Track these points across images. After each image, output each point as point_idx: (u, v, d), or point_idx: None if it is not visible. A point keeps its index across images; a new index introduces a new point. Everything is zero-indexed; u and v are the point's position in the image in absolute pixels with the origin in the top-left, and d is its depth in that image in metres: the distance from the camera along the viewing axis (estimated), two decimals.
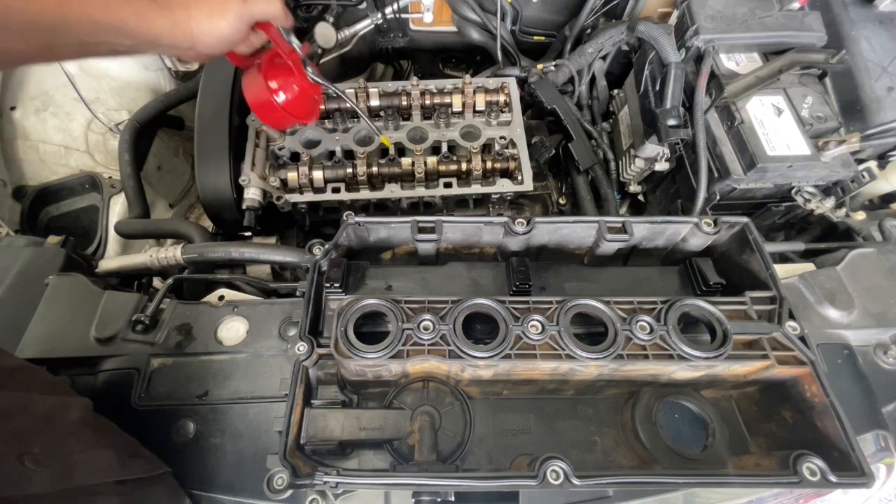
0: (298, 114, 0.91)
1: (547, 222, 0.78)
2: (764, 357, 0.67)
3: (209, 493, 0.74)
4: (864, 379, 0.83)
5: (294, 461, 0.61)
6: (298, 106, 0.90)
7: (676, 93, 1.05)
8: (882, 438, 0.80)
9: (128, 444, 0.68)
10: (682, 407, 0.74)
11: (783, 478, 0.61)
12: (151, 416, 0.79)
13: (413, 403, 0.72)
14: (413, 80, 1.16)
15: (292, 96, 0.88)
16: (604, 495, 0.73)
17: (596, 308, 0.70)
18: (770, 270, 0.74)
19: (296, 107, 0.89)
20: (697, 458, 0.70)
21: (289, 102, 0.88)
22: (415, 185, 1.11)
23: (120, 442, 0.67)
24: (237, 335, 0.86)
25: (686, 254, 0.85)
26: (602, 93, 1.40)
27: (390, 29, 1.50)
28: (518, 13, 1.41)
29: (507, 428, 0.75)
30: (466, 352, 0.65)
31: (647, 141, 1.16)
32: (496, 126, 1.18)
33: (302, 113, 0.92)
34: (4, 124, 1.28)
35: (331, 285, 0.72)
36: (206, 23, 0.67)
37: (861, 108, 1.08)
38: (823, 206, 1.04)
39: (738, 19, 1.11)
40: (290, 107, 0.88)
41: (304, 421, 0.66)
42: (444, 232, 0.78)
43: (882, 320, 0.88)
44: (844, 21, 1.12)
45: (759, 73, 1.08)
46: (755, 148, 1.00)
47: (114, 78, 1.38)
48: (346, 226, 0.76)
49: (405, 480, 0.61)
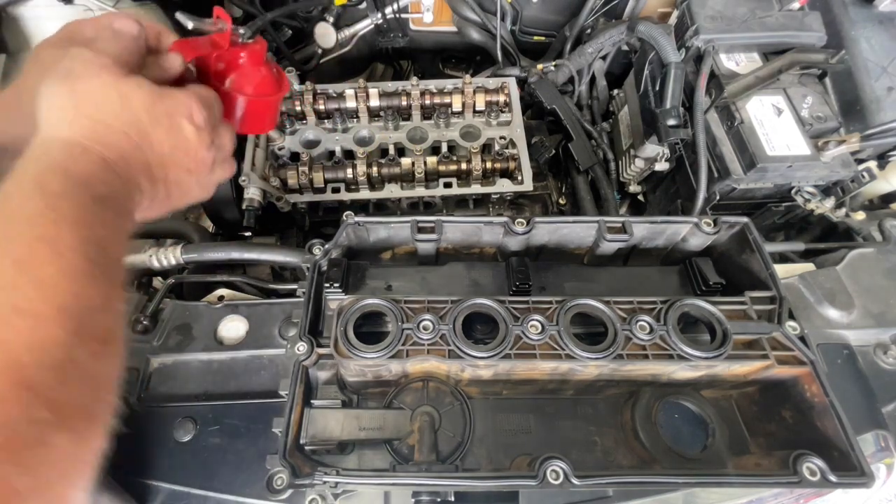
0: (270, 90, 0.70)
1: (547, 222, 0.78)
2: (764, 357, 0.67)
3: (209, 493, 0.74)
4: (864, 379, 0.83)
5: (294, 461, 0.61)
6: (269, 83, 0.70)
7: (676, 93, 1.05)
8: (882, 438, 0.80)
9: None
10: (682, 407, 0.74)
11: (783, 478, 0.61)
12: (151, 416, 0.79)
13: (413, 403, 0.72)
14: (413, 80, 1.16)
15: (261, 80, 0.68)
16: (604, 495, 0.73)
17: (596, 308, 0.70)
18: (770, 270, 0.74)
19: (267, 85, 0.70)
20: (697, 458, 0.70)
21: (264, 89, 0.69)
22: (415, 185, 1.11)
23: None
24: (237, 335, 0.86)
25: (686, 254, 0.85)
26: (602, 93, 1.40)
27: (390, 29, 1.50)
28: (518, 13, 1.41)
29: (507, 428, 0.75)
30: (466, 352, 0.65)
31: (647, 141, 1.16)
32: (496, 126, 1.18)
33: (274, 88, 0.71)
34: None
35: (331, 285, 0.72)
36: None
37: (861, 108, 1.08)
38: (823, 206, 1.04)
39: (738, 19, 1.11)
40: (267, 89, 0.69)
41: (303, 421, 0.66)
42: (444, 232, 0.78)
43: (882, 320, 0.88)
44: (844, 21, 1.12)
45: (758, 73, 1.08)
46: (755, 148, 1.00)
47: None
48: (345, 226, 0.76)
49: (405, 480, 0.61)
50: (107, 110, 0.49)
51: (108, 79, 0.49)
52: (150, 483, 0.75)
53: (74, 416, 0.39)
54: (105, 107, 0.49)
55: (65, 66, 0.49)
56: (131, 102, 0.50)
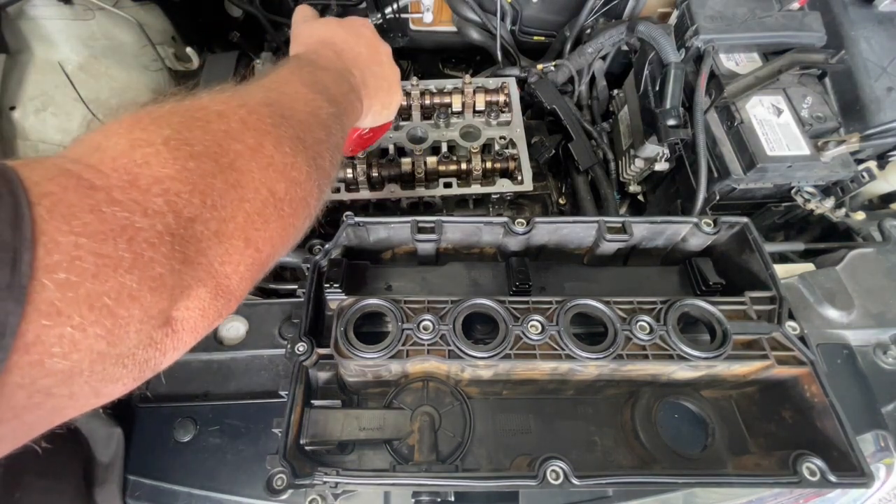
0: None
1: (547, 222, 0.78)
2: (764, 357, 0.67)
3: (209, 493, 0.74)
4: (864, 379, 0.83)
5: (294, 461, 0.61)
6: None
7: (676, 93, 1.05)
8: (882, 438, 0.80)
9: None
10: (682, 407, 0.74)
11: (783, 478, 0.61)
12: (151, 416, 0.79)
13: (413, 403, 0.72)
14: (413, 80, 1.16)
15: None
16: (604, 495, 0.73)
17: (596, 308, 0.70)
18: (770, 270, 0.74)
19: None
20: (697, 458, 0.70)
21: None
22: (415, 185, 1.11)
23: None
24: (237, 335, 0.86)
25: (686, 254, 0.85)
26: (602, 93, 1.40)
27: (390, 29, 1.50)
28: (518, 13, 1.41)
29: (507, 428, 0.75)
30: (466, 352, 0.65)
31: (646, 141, 1.16)
32: (496, 126, 1.18)
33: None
34: (4, 124, 1.27)
35: (331, 285, 0.72)
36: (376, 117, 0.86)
37: (861, 108, 1.08)
38: (823, 206, 1.04)
39: (738, 19, 1.11)
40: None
41: (303, 421, 0.66)
42: (444, 232, 0.78)
43: (882, 320, 0.88)
44: (844, 21, 1.12)
45: (758, 73, 1.08)
46: (755, 148, 1.00)
47: (114, 78, 1.38)
48: (345, 226, 0.76)
49: (405, 480, 0.62)
50: (315, 36, 0.77)
51: (309, 22, 0.82)
52: (149, 483, 0.75)
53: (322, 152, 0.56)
54: (314, 35, 0.78)
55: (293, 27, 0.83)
56: (328, 26, 0.80)
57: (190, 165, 0.39)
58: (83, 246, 0.30)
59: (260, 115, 0.47)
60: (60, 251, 0.29)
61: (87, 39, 1.32)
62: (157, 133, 0.39)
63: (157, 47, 1.44)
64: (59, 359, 0.29)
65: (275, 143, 0.47)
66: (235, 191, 0.42)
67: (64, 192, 0.31)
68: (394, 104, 0.88)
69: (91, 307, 0.30)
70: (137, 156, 0.37)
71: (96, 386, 0.35)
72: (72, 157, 0.36)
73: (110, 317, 0.31)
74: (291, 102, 0.54)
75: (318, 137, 0.54)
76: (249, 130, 0.45)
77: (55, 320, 0.28)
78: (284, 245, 0.50)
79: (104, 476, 0.74)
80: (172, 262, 0.36)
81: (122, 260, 0.32)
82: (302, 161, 0.49)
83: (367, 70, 0.78)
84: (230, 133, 0.44)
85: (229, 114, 0.45)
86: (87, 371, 0.32)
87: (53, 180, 0.31)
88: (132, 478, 0.76)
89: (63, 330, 0.29)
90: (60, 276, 0.29)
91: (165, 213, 0.36)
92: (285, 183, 0.47)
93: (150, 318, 0.36)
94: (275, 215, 0.46)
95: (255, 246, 0.44)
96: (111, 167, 0.35)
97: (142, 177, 0.36)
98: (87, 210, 0.31)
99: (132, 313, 0.33)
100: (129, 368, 0.36)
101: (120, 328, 0.33)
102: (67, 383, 0.31)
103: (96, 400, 0.36)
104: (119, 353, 0.34)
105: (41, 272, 0.28)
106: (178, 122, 0.41)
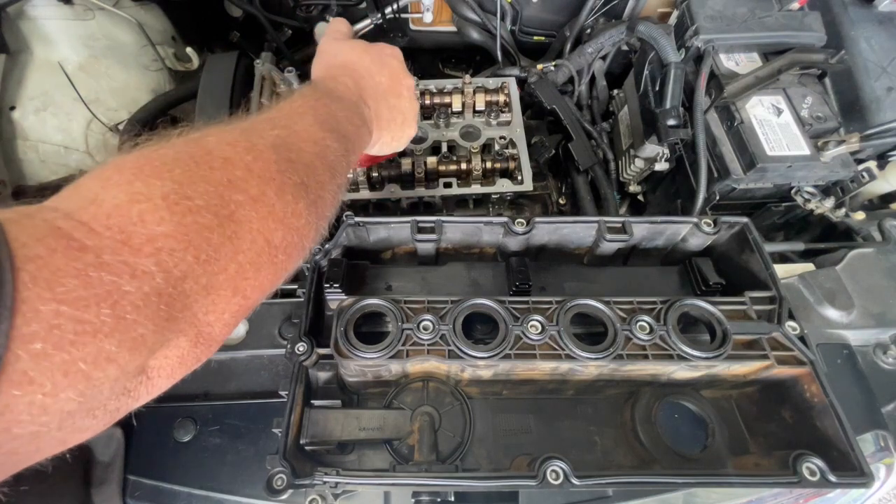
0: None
1: (547, 222, 0.78)
2: (764, 357, 0.67)
3: (209, 493, 0.74)
4: (864, 379, 0.83)
5: (294, 461, 0.61)
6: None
7: (676, 93, 1.05)
8: (882, 438, 0.80)
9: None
10: (682, 407, 0.74)
11: (783, 478, 0.61)
12: (151, 416, 0.79)
13: (413, 403, 0.72)
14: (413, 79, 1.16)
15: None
16: (603, 495, 0.73)
17: (596, 308, 0.70)
18: (770, 270, 0.74)
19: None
20: (697, 458, 0.70)
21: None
22: (415, 185, 1.11)
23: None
24: (237, 335, 0.86)
25: (686, 254, 0.85)
26: (602, 93, 1.40)
27: (390, 29, 1.50)
28: (518, 13, 1.41)
29: (507, 428, 0.75)
30: (466, 352, 0.65)
31: (646, 141, 1.16)
32: (496, 126, 1.18)
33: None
34: (4, 124, 1.27)
35: (330, 285, 0.72)
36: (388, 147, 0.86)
37: (861, 108, 1.08)
38: (823, 206, 1.04)
39: (738, 19, 1.11)
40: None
41: (303, 421, 0.66)
42: (444, 232, 0.78)
43: (882, 320, 0.88)
44: (844, 21, 1.12)
45: (758, 73, 1.08)
46: (755, 148, 1.00)
47: (114, 78, 1.38)
48: (345, 226, 0.76)
49: (405, 480, 0.62)
50: (339, 59, 0.77)
51: (338, 43, 0.80)
52: (149, 483, 0.75)
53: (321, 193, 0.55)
54: (338, 57, 0.78)
55: (321, 42, 0.83)
56: (354, 50, 0.78)
57: (187, 221, 0.38)
58: (64, 314, 0.29)
59: (266, 161, 0.47)
60: (39, 320, 0.28)
61: (87, 39, 1.32)
62: (158, 187, 0.38)
63: (157, 47, 1.44)
64: (28, 424, 0.28)
65: (277, 191, 0.46)
66: (231, 243, 0.41)
67: (51, 256, 0.30)
68: (405, 138, 0.86)
69: (66, 374, 0.29)
70: (134, 212, 0.36)
71: (64, 438, 0.34)
72: (65, 209, 0.35)
73: (84, 380, 0.30)
74: (300, 143, 0.53)
75: (321, 181, 0.54)
76: (254, 178, 0.44)
77: (26, 389, 0.28)
78: (274, 288, 0.49)
79: (104, 476, 0.74)
80: (156, 321, 0.35)
81: (103, 325, 0.31)
82: (303, 206, 0.49)
83: (384, 101, 0.76)
84: (233, 182, 0.43)
85: (235, 160, 0.44)
86: (56, 428, 0.31)
87: (42, 241, 0.30)
88: (132, 478, 0.75)
89: (34, 398, 0.28)
90: (36, 347, 0.28)
91: (155, 273, 0.35)
92: (283, 231, 0.46)
93: (125, 374, 0.35)
94: (268, 263, 0.45)
95: (242, 294, 0.44)
96: (105, 225, 0.34)
97: (135, 235, 0.35)
98: (72, 275, 0.30)
99: (108, 374, 0.32)
100: (98, 419, 0.35)
101: (94, 388, 0.32)
102: (35, 442, 0.31)
103: (62, 448, 0.35)
104: (90, 408, 0.34)
105: (17, 342, 0.27)
106: (181, 174, 0.40)
